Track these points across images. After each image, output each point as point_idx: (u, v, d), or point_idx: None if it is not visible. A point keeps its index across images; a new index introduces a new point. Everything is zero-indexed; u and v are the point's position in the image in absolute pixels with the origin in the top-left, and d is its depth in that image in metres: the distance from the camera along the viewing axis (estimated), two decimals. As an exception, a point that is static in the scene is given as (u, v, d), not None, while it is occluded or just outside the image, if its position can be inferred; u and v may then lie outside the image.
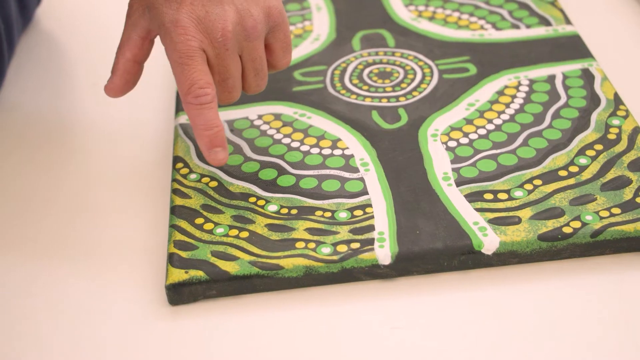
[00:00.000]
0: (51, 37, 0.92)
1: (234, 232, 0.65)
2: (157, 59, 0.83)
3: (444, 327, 0.59)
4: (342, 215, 0.66)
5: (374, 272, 0.62)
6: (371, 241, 0.63)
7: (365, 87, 0.78)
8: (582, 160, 0.68)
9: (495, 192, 0.66)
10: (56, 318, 0.62)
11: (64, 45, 0.91)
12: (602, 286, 0.61)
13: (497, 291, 0.62)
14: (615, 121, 0.71)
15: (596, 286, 0.61)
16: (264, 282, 0.62)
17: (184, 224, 0.66)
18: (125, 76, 0.67)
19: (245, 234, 0.65)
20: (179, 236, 0.65)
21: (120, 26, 0.89)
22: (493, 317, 0.60)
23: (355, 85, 0.78)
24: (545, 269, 0.63)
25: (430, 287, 0.62)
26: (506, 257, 0.62)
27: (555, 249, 0.62)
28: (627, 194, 0.65)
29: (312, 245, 0.63)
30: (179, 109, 0.78)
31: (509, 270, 0.63)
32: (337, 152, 0.71)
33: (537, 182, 0.67)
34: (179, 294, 0.62)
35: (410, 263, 0.62)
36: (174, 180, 0.70)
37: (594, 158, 0.68)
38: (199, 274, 0.62)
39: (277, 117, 0.76)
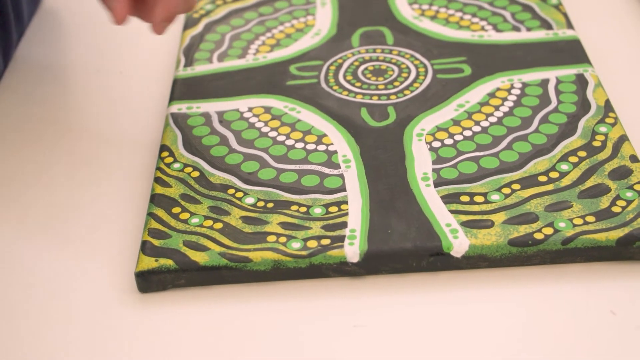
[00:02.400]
0: (61, 20, 0.93)
1: (209, 222, 0.65)
2: (156, 52, 0.84)
3: (407, 327, 0.60)
4: (317, 210, 0.66)
5: (343, 270, 0.63)
6: (342, 238, 0.63)
7: (358, 84, 0.78)
8: (564, 167, 0.68)
9: (472, 195, 0.66)
10: (25, 296, 0.63)
11: (72, 29, 0.92)
12: (570, 294, 0.61)
13: (465, 294, 0.61)
14: (603, 128, 0.71)
15: (565, 293, 0.61)
16: (232, 273, 0.63)
17: (160, 213, 0.66)
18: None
19: (219, 225, 0.65)
20: (155, 224, 0.65)
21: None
22: (458, 320, 0.60)
23: (348, 81, 0.78)
24: (515, 274, 0.62)
25: (398, 287, 0.62)
26: (475, 261, 0.62)
27: (525, 254, 0.62)
28: (604, 202, 0.64)
29: (283, 239, 0.64)
30: (172, 98, 0.78)
31: (478, 273, 0.62)
32: (321, 147, 0.71)
33: (516, 186, 0.66)
34: (148, 282, 0.63)
35: (379, 262, 0.62)
36: (157, 168, 0.71)
37: (575, 165, 0.68)
38: (168, 262, 0.63)
39: (267, 110, 0.76)
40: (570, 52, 0.80)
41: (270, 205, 0.67)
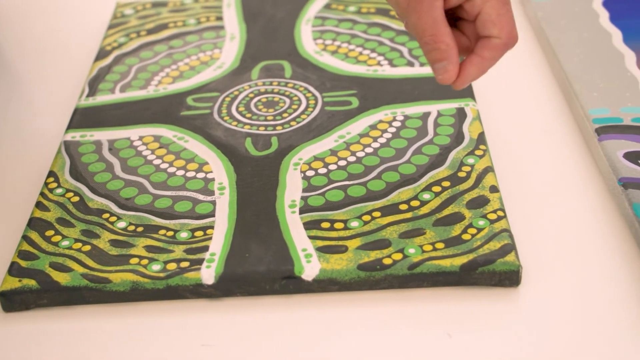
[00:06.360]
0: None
1: (78, 245, 0.68)
2: (65, 82, 0.87)
3: (254, 347, 0.61)
4: (183, 235, 0.68)
5: (199, 291, 0.65)
6: (200, 261, 0.65)
7: (249, 115, 0.80)
8: (426, 196, 0.70)
9: (333, 222, 0.68)
10: None
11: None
12: (412, 317, 0.63)
13: (314, 316, 0.63)
14: (470, 160, 0.73)
15: (407, 316, 0.63)
16: (92, 294, 0.65)
17: (34, 235, 0.69)
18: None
19: (87, 248, 0.67)
20: (26, 246, 0.68)
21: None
22: (303, 341, 0.62)
23: (240, 112, 0.81)
24: (364, 297, 0.64)
25: (250, 309, 0.64)
26: (326, 284, 0.64)
27: (373, 279, 0.64)
28: (456, 230, 0.66)
29: (145, 262, 0.66)
30: (69, 126, 0.81)
31: (329, 296, 0.64)
32: (200, 175, 0.74)
33: (376, 214, 0.68)
34: (11, 301, 0.65)
35: (234, 284, 0.65)
36: (40, 193, 0.73)
37: (437, 194, 0.70)
38: (31, 283, 0.65)
39: (157, 139, 0.79)
40: (457, 86, 0.82)
41: (140, 229, 0.69)
